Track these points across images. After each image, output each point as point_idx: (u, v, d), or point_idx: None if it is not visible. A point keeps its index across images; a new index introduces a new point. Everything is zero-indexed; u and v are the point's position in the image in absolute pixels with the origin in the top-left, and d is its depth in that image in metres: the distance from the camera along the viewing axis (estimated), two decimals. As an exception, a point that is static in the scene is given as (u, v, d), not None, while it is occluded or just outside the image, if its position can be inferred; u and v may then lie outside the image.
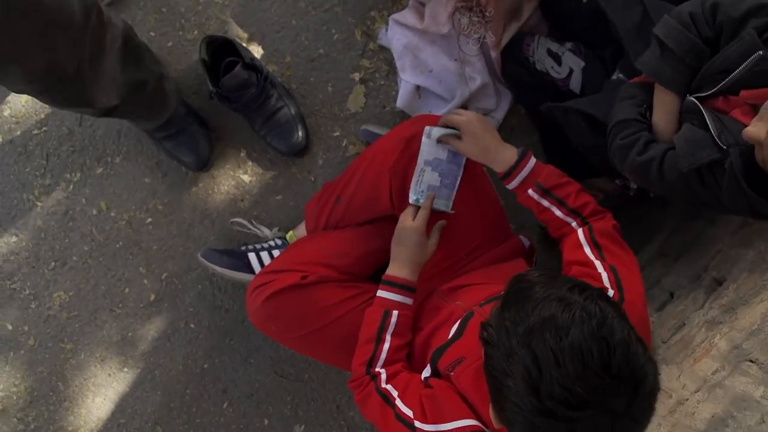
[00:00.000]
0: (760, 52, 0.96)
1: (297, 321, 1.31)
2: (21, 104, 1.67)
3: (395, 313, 1.21)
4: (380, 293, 1.24)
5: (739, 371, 0.87)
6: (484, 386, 0.88)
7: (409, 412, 1.06)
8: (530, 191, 1.21)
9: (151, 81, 1.41)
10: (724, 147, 0.97)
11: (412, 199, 1.27)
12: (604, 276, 1.05)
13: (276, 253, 1.52)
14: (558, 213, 1.20)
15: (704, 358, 0.97)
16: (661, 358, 1.06)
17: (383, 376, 1.15)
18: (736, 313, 0.99)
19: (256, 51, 1.64)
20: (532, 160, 1.22)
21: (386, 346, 1.19)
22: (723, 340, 0.96)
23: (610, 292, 1.02)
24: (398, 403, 1.09)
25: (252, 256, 1.53)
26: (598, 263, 1.08)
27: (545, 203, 1.21)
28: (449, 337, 1.15)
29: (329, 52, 1.64)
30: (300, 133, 1.59)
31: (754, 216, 1.02)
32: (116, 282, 1.68)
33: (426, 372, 1.15)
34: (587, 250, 1.12)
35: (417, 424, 1.03)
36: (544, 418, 0.74)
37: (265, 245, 1.55)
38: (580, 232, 1.16)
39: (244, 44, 1.63)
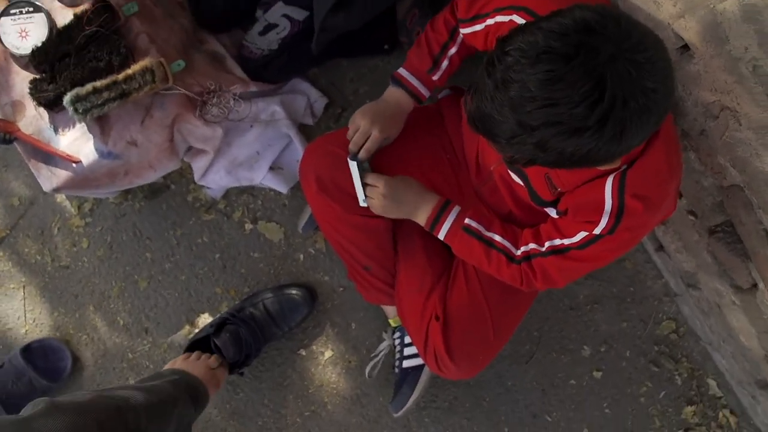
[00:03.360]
0: None
1: (479, 330, 1.33)
2: None
3: (467, 220, 1.21)
4: (442, 233, 1.23)
5: None
6: (579, 172, 0.90)
7: (582, 235, 1.05)
8: None
9: None
10: None
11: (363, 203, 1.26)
12: (515, 18, 1.00)
13: (407, 339, 1.53)
14: None
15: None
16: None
17: (533, 246, 1.15)
18: None
19: (205, 319, 1.66)
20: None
21: (498, 237, 1.20)
22: None
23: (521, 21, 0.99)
24: (568, 242, 1.08)
25: (405, 363, 1.54)
26: (498, 17, 1.04)
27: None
28: (522, 184, 1.14)
29: (222, 247, 1.68)
30: (294, 291, 1.60)
31: None
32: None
33: (552, 214, 1.14)
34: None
35: (596, 230, 1.02)
36: (606, 124, 0.75)
37: (397, 348, 1.56)
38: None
39: (196, 330, 1.65)
